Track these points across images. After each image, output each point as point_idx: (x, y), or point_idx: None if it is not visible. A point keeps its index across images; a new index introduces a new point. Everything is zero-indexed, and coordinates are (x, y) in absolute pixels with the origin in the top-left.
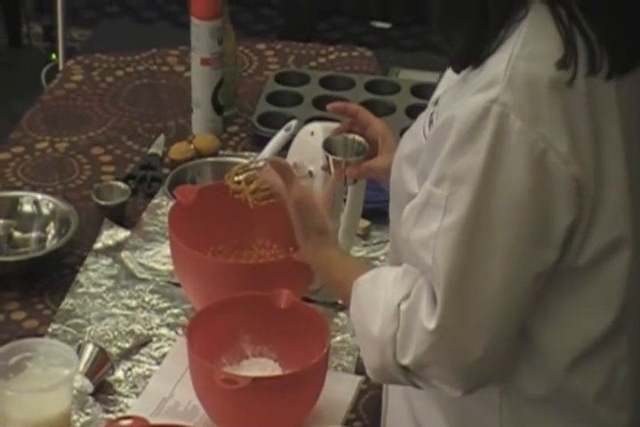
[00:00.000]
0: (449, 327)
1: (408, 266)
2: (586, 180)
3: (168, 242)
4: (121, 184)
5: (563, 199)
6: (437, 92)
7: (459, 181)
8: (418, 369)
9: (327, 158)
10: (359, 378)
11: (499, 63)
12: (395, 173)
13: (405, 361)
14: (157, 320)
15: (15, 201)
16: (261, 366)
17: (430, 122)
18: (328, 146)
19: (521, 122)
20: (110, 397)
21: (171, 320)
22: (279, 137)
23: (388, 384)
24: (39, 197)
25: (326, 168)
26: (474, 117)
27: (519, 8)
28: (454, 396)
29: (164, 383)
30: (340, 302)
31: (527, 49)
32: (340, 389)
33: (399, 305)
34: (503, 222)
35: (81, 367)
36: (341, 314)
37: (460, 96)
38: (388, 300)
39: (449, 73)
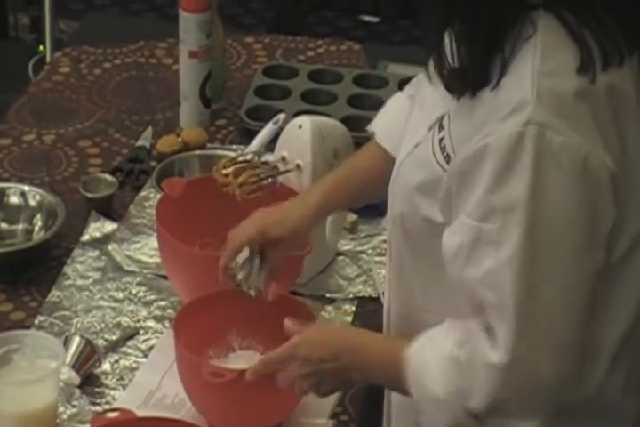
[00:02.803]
0: (521, 356)
1: (450, 320)
2: (619, 176)
3: (155, 234)
4: (108, 177)
5: (607, 200)
6: (434, 112)
7: (509, 211)
8: (494, 411)
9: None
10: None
11: (521, 83)
12: (403, 205)
13: (480, 407)
14: (144, 313)
15: (2, 193)
16: (248, 359)
17: (443, 148)
18: None
19: (558, 136)
20: (97, 389)
21: (158, 313)
22: (267, 130)
23: None
24: (26, 188)
25: None
26: (510, 143)
27: (524, 26)
28: None
29: (151, 376)
30: (327, 294)
31: (547, 64)
32: None
33: (454, 354)
34: (560, 239)
35: (67, 360)
36: (329, 307)
37: (480, 121)
38: (440, 353)
39: (442, 89)
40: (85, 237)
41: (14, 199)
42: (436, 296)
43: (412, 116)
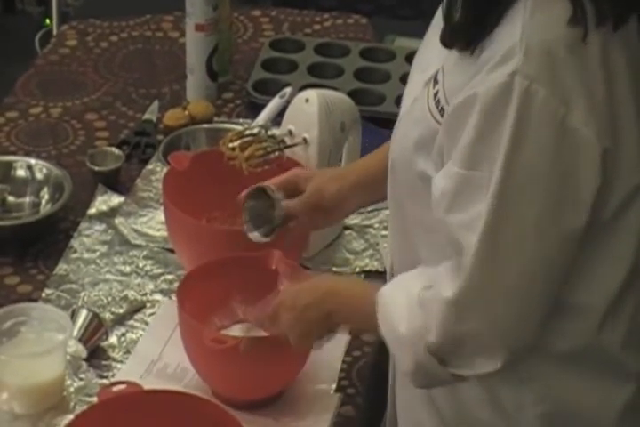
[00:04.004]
0: (471, 292)
1: (423, 266)
2: (604, 137)
3: (162, 208)
4: (115, 150)
5: (588, 162)
6: (430, 70)
7: (491, 160)
8: (449, 347)
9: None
10: (345, 337)
11: (511, 34)
12: (400, 160)
13: (436, 341)
14: (151, 286)
15: (9, 166)
16: (251, 329)
17: (437, 102)
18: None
19: (543, 90)
20: (104, 362)
21: (164, 286)
22: (274, 104)
23: (429, 388)
24: (33, 161)
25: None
26: (497, 93)
27: None
28: (495, 370)
29: (152, 346)
30: (334, 268)
31: (537, 16)
32: (330, 348)
33: (420, 293)
34: (531, 195)
35: (74, 333)
36: None
37: (472, 74)
38: (409, 293)
39: (437, 48)
40: (92, 211)
41: (21, 172)
42: (437, 247)
43: (411, 79)
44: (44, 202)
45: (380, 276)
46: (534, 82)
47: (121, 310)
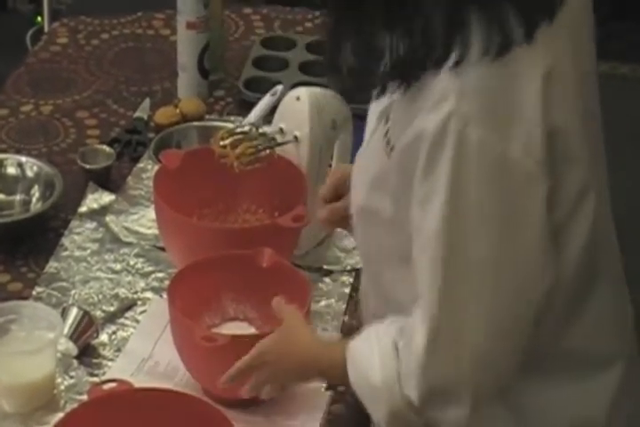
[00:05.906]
0: (440, 335)
1: (392, 316)
2: (546, 160)
3: (153, 206)
4: (106, 148)
5: (533, 192)
6: (380, 105)
7: (428, 201)
8: (425, 397)
9: None
10: (336, 335)
11: (443, 76)
12: (363, 199)
13: (414, 393)
14: (142, 284)
15: None
16: (242, 330)
17: (387, 141)
18: None
19: (480, 129)
20: (95, 360)
21: (155, 284)
22: (265, 102)
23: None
24: (23, 159)
25: None
26: (434, 136)
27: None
28: (465, 415)
29: (143, 344)
30: (325, 266)
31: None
32: None
33: (394, 342)
34: (475, 238)
35: (65, 331)
36: (326, 279)
37: (413, 114)
38: (382, 344)
39: None
40: (83, 209)
41: (12, 170)
42: (403, 286)
43: (370, 109)
44: (34, 200)
45: None
46: (470, 121)
47: (112, 308)
